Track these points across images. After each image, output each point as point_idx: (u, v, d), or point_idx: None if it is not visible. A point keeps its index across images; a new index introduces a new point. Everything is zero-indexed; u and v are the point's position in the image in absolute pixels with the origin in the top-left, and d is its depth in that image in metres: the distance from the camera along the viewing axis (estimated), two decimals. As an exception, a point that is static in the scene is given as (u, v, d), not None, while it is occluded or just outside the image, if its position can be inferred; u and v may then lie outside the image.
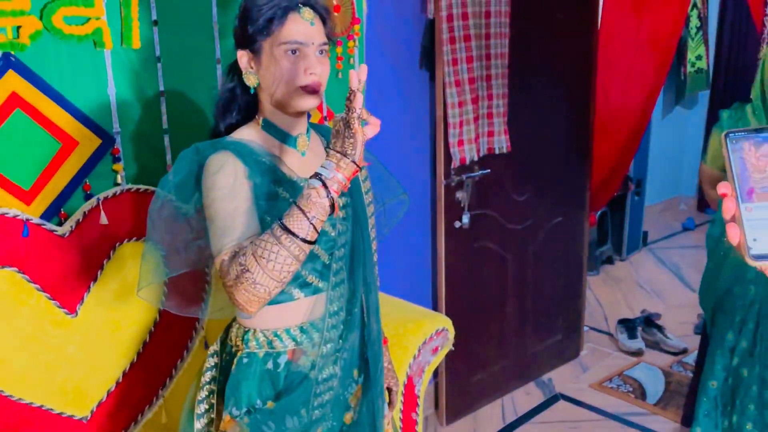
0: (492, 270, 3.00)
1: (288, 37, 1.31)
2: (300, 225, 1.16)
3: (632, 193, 4.85)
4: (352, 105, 1.17)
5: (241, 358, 1.38)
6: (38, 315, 1.64)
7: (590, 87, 3.26)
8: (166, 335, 1.88)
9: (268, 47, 1.32)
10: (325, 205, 1.17)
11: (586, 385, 3.26)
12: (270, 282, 1.16)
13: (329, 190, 1.16)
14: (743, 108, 2.31)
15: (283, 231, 1.16)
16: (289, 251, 1.15)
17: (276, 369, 1.38)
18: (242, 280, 1.16)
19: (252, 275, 1.15)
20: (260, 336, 1.39)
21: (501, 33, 2.66)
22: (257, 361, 1.38)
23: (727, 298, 2.32)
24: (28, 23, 1.54)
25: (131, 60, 1.74)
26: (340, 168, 1.17)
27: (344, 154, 1.17)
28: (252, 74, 1.35)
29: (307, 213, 1.16)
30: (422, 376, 2.08)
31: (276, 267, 1.15)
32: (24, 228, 1.59)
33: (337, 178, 1.17)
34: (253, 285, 1.16)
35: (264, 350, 1.38)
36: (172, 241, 1.36)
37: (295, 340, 1.39)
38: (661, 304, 4.16)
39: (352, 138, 1.17)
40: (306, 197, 1.17)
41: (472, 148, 2.68)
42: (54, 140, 1.65)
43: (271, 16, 1.31)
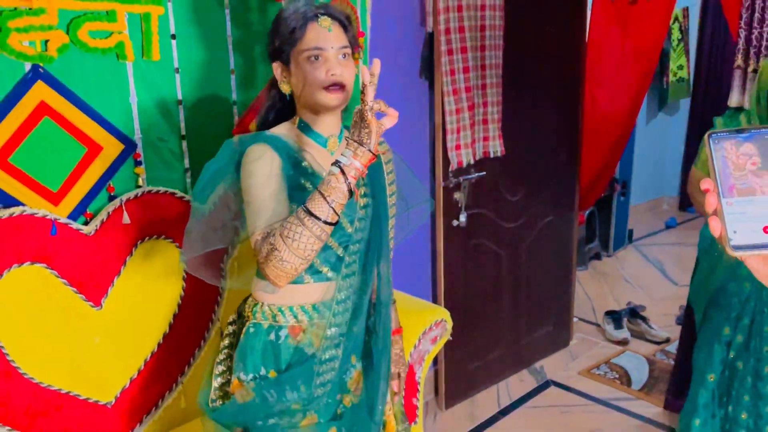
0: (487, 265, 2.98)
1: (308, 44, 1.35)
2: (321, 208, 1.21)
3: (618, 194, 4.83)
4: (364, 98, 1.21)
5: (248, 327, 1.42)
6: (65, 308, 1.64)
7: (579, 95, 3.24)
8: (185, 326, 1.87)
9: (294, 56, 1.37)
10: (343, 190, 1.21)
11: (575, 372, 3.24)
12: (295, 259, 1.22)
13: (347, 176, 1.20)
14: (737, 116, 2.28)
15: (306, 214, 1.21)
16: (311, 231, 1.20)
17: (277, 341, 1.41)
18: (271, 258, 1.22)
19: (280, 253, 1.21)
20: (266, 309, 1.42)
21: (495, 45, 2.65)
22: (262, 332, 1.41)
23: (721, 294, 2.27)
24: (55, 37, 1.54)
25: (151, 71, 1.74)
26: (357, 156, 1.21)
27: (360, 143, 1.22)
28: (285, 83, 1.41)
29: (327, 197, 1.21)
30: (422, 364, 2.07)
31: (300, 246, 1.21)
32: (52, 227, 1.59)
33: (355, 165, 1.21)
34: (281, 262, 1.22)
35: (268, 322, 1.42)
36: (210, 220, 1.40)
37: (296, 317, 1.42)
38: (646, 297, 4.14)
39: (367, 128, 1.21)
40: (326, 183, 1.22)
41: (469, 152, 2.67)
42: (80, 145, 1.64)
43: (293, 27, 1.36)
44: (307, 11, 1.36)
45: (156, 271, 1.80)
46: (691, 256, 2.90)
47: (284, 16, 1.37)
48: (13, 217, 1.53)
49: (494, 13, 2.61)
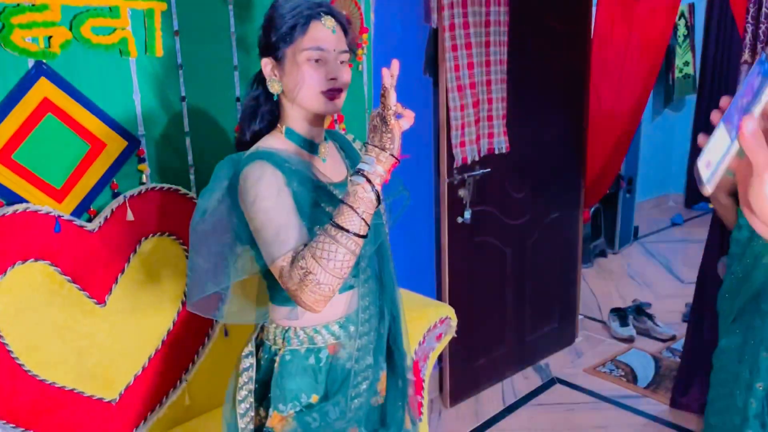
0: (492, 263, 2.98)
1: (310, 44, 1.29)
2: (352, 221, 1.15)
3: (624, 191, 4.82)
4: (386, 102, 1.16)
5: (284, 356, 1.36)
6: (69, 305, 1.64)
7: (584, 91, 3.23)
8: (189, 323, 1.87)
9: (291, 54, 1.30)
10: (372, 199, 1.17)
11: (580, 369, 3.23)
12: (333, 280, 1.15)
13: (373, 184, 1.16)
14: None
15: (338, 229, 1.15)
16: (346, 248, 1.15)
17: (318, 363, 1.38)
18: (306, 283, 1.15)
19: (315, 276, 1.14)
20: (301, 333, 1.38)
21: (500, 41, 2.64)
22: (300, 357, 1.37)
23: (763, 299, 2.23)
24: (58, 33, 1.54)
25: (155, 67, 1.73)
26: (380, 162, 1.17)
27: (383, 148, 1.17)
28: (276, 81, 1.33)
29: (357, 209, 1.15)
30: (427, 362, 2.07)
31: (336, 265, 1.14)
32: (56, 224, 1.59)
33: (378, 171, 1.17)
34: (318, 285, 1.15)
35: (305, 346, 1.37)
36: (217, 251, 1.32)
37: (334, 335, 1.39)
38: (651, 294, 4.12)
39: (389, 133, 1.17)
40: (353, 194, 1.16)
41: (473, 149, 2.66)
42: (83, 142, 1.64)
43: (293, 23, 1.29)
44: (310, 8, 1.30)
45: (160, 268, 1.80)
46: (698, 253, 2.88)
47: (282, 11, 1.30)
48: (16, 213, 1.53)
49: (499, 9, 2.60)
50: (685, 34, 5.43)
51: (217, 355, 1.93)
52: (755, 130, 0.68)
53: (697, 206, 5.90)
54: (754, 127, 0.68)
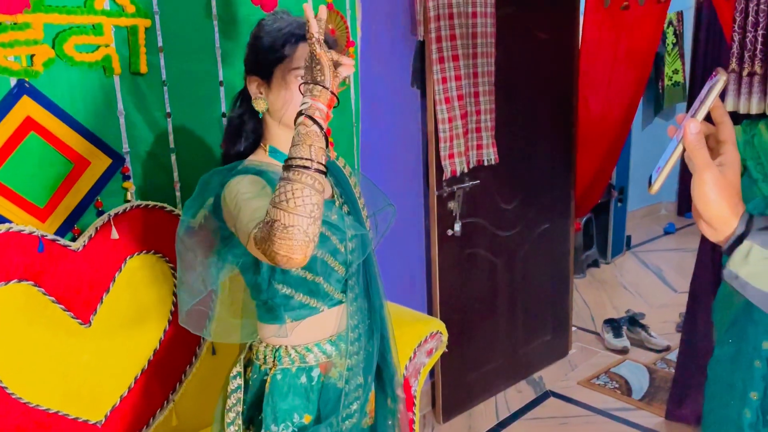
0: (483, 275, 2.99)
1: (299, 63, 1.31)
2: (301, 153, 1.10)
3: (615, 200, 4.86)
4: (309, 33, 1.13)
5: (274, 375, 1.37)
6: (54, 325, 1.64)
7: (573, 101, 3.27)
8: (175, 342, 1.87)
9: (279, 73, 1.33)
10: (316, 131, 1.12)
11: (574, 382, 3.25)
12: (300, 220, 1.07)
13: (314, 118, 1.12)
14: (755, 124, 2.29)
15: (290, 169, 1.10)
16: (303, 183, 1.09)
17: (310, 383, 1.38)
18: (273, 231, 1.07)
19: (280, 221, 1.07)
20: (292, 352, 1.38)
21: (487, 53, 2.68)
22: (291, 376, 1.37)
23: (756, 308, 2.25)
24: (41, 52, 1.55)
25: (139, 84, 1.75)
26: (315, 96, 1.13)
27: (315, 81, 1.14)
28: (262, 99, 1.35)
29: (303, 143, 1.11)
30: (418, 378, 2.07)
31: (298, 202, 1.07)
32: (39, 243, 1.59)
33: (316, 105, 1.13)
34: (285, 230, 1.06)
35: (297, 365, 1.38)
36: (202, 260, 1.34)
37: (325, 353, 1.40)
38: (645, 304, 4.15)
39: (318, 65, 1.14)
40: (297, 134, 1.13)
41: (462, 161, 2.69)
42: (67, 160, 1.65)
43: (282, 43, 1.32)
44: (299, 28, 1.32)
45: (146, 287, 1.80)
46: (691, 262, 2.91)
47: (270, 29, 1.33)
48: (-1, 234, 1.53)
49: (485, 21, 2.63)
50: (674, 42, 5.50)
51: (204, 373, 1.93)
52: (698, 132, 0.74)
53: (689, 214, 5.95)
54: (696, 128, 0.74)
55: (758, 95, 2.43)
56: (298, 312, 1.37)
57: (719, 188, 0.77)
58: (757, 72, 2.43)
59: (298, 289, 1.36)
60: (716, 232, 0.81)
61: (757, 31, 2.41)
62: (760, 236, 0.79)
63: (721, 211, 0.78)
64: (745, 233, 0.80)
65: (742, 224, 0.80)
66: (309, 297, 1.37)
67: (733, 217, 0.80)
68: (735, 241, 0.81)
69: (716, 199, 0.78)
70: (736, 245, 0.81)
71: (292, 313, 1.37)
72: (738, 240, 0.81)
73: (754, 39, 2.43)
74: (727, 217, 0.79)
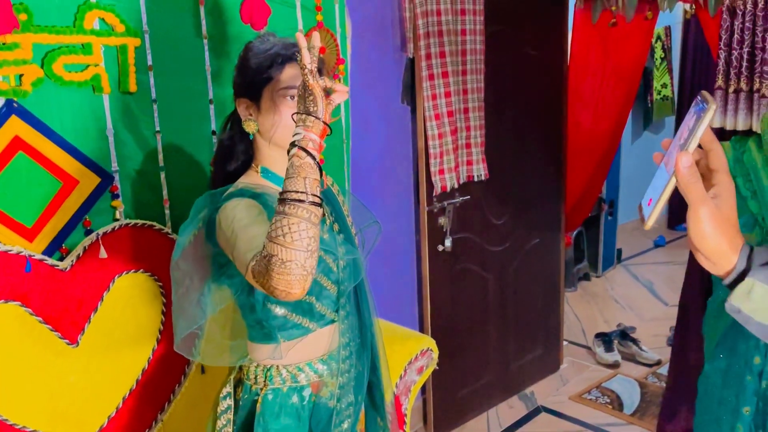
0: (474, 290, 3.00)
1: (287, 82, 1.33)
2: (296, 186, 1.10)
3: (605, 213, 4.89)
4: (302, 63, 1.13)
5: (266, 395, 1.37)
6: (41, 346, 1.63)
7: (562, 116, 3.30)
8: (164, 362, 1.86)
9: (268, 94, 1.34)
10: (310, 163, 1.12)
11: (566, 397, 3.25)
12: (297, 254, 1.07)
13: (307, 150, 1.12)
14: (745, 141, 2.31)
15: (285, 203, 1.10)
16: (299, 217, 1.09)
17: (302, 402, 1.38)
18: (271, 267, 1.07)
19: (277, 256, 1.07)
20: (284, 371, 1.39)
21: (477, 69, 2.70)
22: (283, 396, 1.38)
23: None
24: (30, 71, 1.55)
25: (128, 103, 1.75)
26: (308, 127, 1.13)
27: (307, 112, 1.14)
28: (252, 121, 1.36)
29: (298, 175, 1.11)
30: (408, 395, 2.07)
31: (295, 237, 1.07)
32: (27, 264, 1.58)
33: (309, 136, 1.13)
34: (282, 265, 1.07)
35: (288, 385, 1.38)
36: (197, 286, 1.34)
37: (316, 372, 1.40)
38: (636, 318, 4.17)
39: (311, 95, 1.14)
40: (290, 166, 1.13)
41: (453, 177, 2.70)
42: (55, 180, 1.65)
43: (270, 64, 1.33)
44: (285, 48, 1.34)
45: (134, 306, 1.79)
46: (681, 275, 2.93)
47: (257, 51, 1.35)
48: (-14, 254, 1.52)
49: (474, 38, 2.66)
50: (662, 56, 5.56)
51: (193, 393, 1.92)
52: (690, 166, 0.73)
53: (679, 227, 5.99)
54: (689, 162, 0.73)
55: (744, 112, 2.46)
56: (291, 332, 1.38)
57: (716, 223, 0.76)
58: (743, 89, 2.46)
59: (291, 310, 1.36)
60: (715, 266, 0.80)
61: (743, 49, 2.45)
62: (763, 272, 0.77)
63: (719, 246, 0.77)
64: (747, 269, 0.79)
65: (743, 259, 0.79)
66: (301, 317, 1.38)
67: (732, 252, 0.78)
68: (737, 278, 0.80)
69: (713, 234, 0.76)
70: (738, 281, 0.79)
71: (284, 333, 1.37)
72: (740, 276, 0.80)
73: (739, 56, 2.46)
74: (725, 251, 0.78)
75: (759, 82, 2.40)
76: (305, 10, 2.12)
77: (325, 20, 2.18)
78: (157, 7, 1.77)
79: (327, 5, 2.18)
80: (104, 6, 1.66)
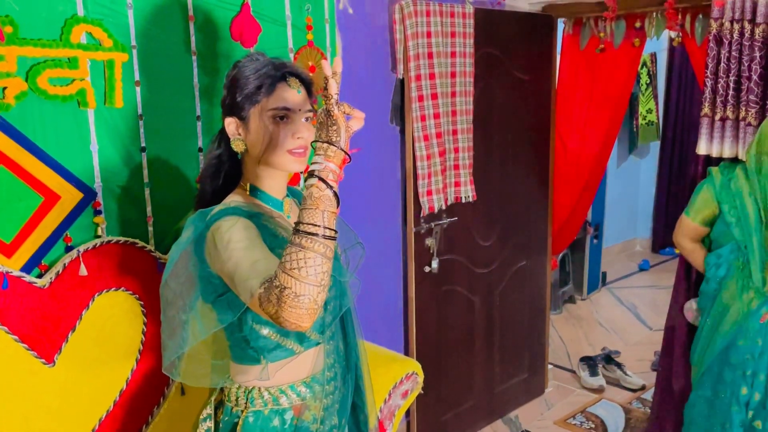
0: (460, 312, 2.98)
1: (277, 104, 1.32)
2: (314, 220, 1.09)
3: (591, 237, 4.90)
4: (328, 92, 1.13)
5: (246, 417, 1.35)
6: (16, 365, 1.58)
7: (549, 140, 3.31)
8: (143, 382, 1.82)
9: (257, 114, 1.33)
10: (329, 196, 1.11)
11: (550, 422, 3.22)
12: (311, 289, 1.07)
13: (327, 182, 1.11)
14: (733, 168, 2.32)
15: (302, 235, 1.09)
16: (315, 252, 1.08)
17: (283, 425, 1.36)
18: (284, 299, 1.07)
19: (291, 289, 1.07)
20: (266, 394, 1.36)
21: (466, 91, 2.70)
22: (264, 419, 1.35)
23: (732, 352, 2.25)
24: (13, 84, 1.52)
25: (114, 118, 1.72)
26: (329, 157, 1.12)
27: (330, 142, 1.13)
28: (240, 140, 1.35)
29: (316, 209, 1.10)
30: (392, 420, 2.04)
31: (310, 272, 1.07)
32: (3, 280, 1.54)
33: (330, 167, 1.12)
34: (296, 298, 1.07)
35: (270, 407, 1.36)
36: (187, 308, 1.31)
37: (299, 395, 1.38)
38: (620, 342, 4.16)
39: (334, 125, 1.13)
40: (308, 196, 1.12)
41: (440, 198, 2.69)
42: (36, 195, 1.61)
43: (259, 84, 1.32)
44: (275, 69, 1.33)
45: (114, 325, 1.75)
46: (665, 299, 2.93)
47: (246, 71, 1.33)
48: (-39, 270, 1.48)
49: (464, 60, 2.67)
50: (647, 82, 5.62)
51: (173, 414, 1.88)
52: None
53: (663, 251, 6.02)
54: None
55: (730, 139, 2.48)
56: (276, 354, 1.35)
57: None
58: (729, 117, 2.48)
59: (277, 331, 1.34)
60: None
61: (729, 77, 2.47)
62: None
63: None
64: None
65: None
66: (287, 339, 1.35)
67: None
68: None
69: None
70: None
71: (270, 355, 1.35)
72: None
73: (726, 85, 2.48)
74: None
75: (745, 110, 2.42)
76: (296, 29, 2.11)
77: (315, 39, 2.17)
78: (146, 22, 1.76)
79: (317, 24, 2.17)
80: (92, 20, 1.64)
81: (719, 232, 2.34)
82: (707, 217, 2.35)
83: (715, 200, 2.31)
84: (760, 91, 2.39)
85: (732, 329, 2.26)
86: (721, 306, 2.32)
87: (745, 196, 2.24)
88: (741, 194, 2.25)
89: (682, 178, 5.68)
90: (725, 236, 2.31)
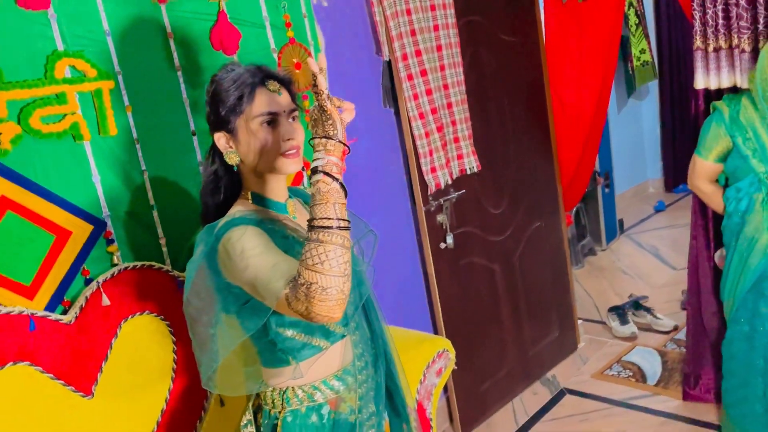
0: (482, 282, 2.98)
1: (260, 110, 1.32)
2: (327, 213, 1.13)
3: (602, 187, 4.87)
4: (318, 88, 1.14)
5: (285, 418, 1.37)
6: (55, 402, 1.61)
7: (545, 98, 3.28)
8: (182, 399, 1.85)
9: (243, 124, 1.33)
10: (337, 188, 1.14)
11: (588, 376, 3.23)
12: (336, 280, 1.11)
13: (332, 175, 1.14)
14: (738, 99, 2.28)
15: (318, 230, 1.12)
16: (334, 243, 1.12)
17: (321, 421, 1.37)
18: (312, 294, 1.10)
19: (318, 284, 1.10)
20: (299, 392, 1.38)
21: (454, 63, 2.68)
22: (302, 417, 1.37)
23: (766, 285, 2.25)
24: (7, 129, 1.53)
25: (111, 147, 1.73)
26: (329, 151, 1.15)
27: (327, 136, 1.15)
28: (232, 153, 1.35)
29: (327, 201, 1.13)
30: (431, 399, 2.05)
31: (333, 264, 1.11)
32: (30, 322, 1.56)
33: (331, 161, 1.15)
34: (324, 291, 1.10)
35: (305, 405, 1.38)
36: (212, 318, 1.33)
37: (333, 389, 1.39)
38: (646, 286, 4.15)
39: (329, 119, 1.15)
40: (317, 192, 1.14)
41: (445, 173, 2.69)
42: (48, 234, 1.62)
43: (239, 94, 1.32)
44: (252, 75, 1.33)
45: (145, 349, 1.77)
46: (685, 237, 2.91)
47: (225, 84, 1.33)
48: (-12, 318, 1.51)
49: (448, 32, 2.64)
50: (636, 22, 5.53)
51: (215, 425, 1.91)
52: None
53: (677, 189, 5.98)
54: None
55: (727, 69, 2.44)
56: (303, 353, 1.37)
57: None
58: (722, 46, 2.45)
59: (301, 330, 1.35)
60: None
61: (717, 7, 2.43)
62: None
63: None
64: None
65: None
66: (312, 336, 1.37)
67: None
68: None
69: None
70: None
71: (297, 355, 1.36)
72: None
73: (714, 14, 2.44)
74: None
75: (737, 38, 2.38)
76: (275, 29, 2.10)
77: (296, 35, 2.16)
78: (126, 46, 1.75)
79: (296, 21, 2.16)
80: (73, 53, 1.64)
81: (735, 167, 2.30)
82: (720, 153, 2.32)
83: (726, 134, 2.27)
84: (749, 16, 2.35)
85: (762, 262, 2.24)
86: (746, 240, 2.30)
87: (758, 126, 2.20)
88: (753, 124, 2.21)
89: (685, 112, 5.61)
90: (742, 170, 2.27)
